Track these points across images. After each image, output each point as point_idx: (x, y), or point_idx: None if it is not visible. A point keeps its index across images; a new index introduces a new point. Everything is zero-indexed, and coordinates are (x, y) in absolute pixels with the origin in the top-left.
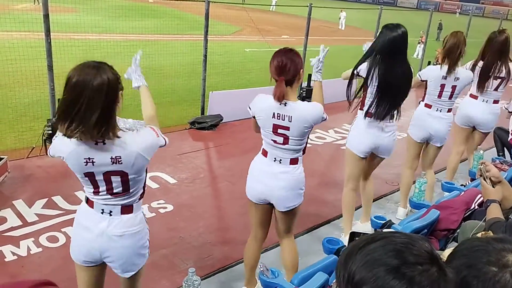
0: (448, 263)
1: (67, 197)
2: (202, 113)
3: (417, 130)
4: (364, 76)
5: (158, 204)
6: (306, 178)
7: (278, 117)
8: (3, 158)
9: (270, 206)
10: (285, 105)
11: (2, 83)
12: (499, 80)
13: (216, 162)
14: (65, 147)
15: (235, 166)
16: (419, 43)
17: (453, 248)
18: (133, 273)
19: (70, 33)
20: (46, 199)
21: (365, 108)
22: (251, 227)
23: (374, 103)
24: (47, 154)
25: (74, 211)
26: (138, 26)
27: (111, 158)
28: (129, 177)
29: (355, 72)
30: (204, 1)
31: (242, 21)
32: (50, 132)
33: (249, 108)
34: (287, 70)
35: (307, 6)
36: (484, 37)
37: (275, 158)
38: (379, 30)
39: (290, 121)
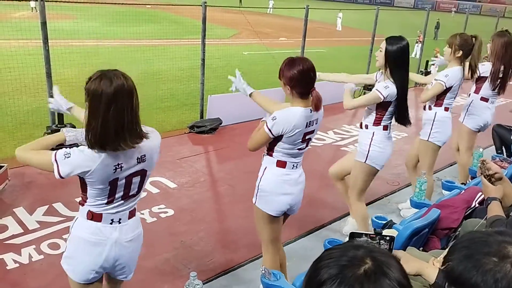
0: (449, 256)
1: (67, 204)
2: (201, 117)
3: (441, 135)
4: (392, 100)
5: (158, 208)
6: (306, 180)
7: (310, 125)
8: (3, 166)
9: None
10: (312, 112)
11: (1, 91)
12: (498, 81)
13: (216, 165)
14: (92, 161)
15: (235, 170)
16: (416, 42)
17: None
18: (132, 273)
19: (69, 40)
20: (47, 206)
21: (384, 122)
22: (271, 243)
23: (398, 114)
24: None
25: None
26: (136, 32)
27: (137, 158)
28: (147, 174)
29: (381, 100)
30: (201, 6)
31: (239, 24)
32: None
33: (271, 130)
34: (314, 78)
35: (304, 8)
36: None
37: (293, 165)
38: (376, 30)
39: (316, 123)
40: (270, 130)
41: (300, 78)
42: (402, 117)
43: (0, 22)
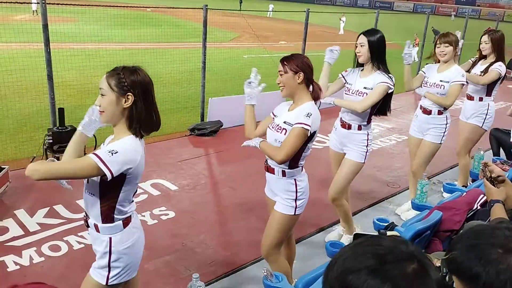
0: (453, 245)
1: (68, 206)
2: (202, 119)
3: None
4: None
5: (159, 211)
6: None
7: None
8: (4, 168)
9: None
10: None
11: (2, 93)
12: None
13: (217, 168)
14: (137, 150)
15: (236, 172)
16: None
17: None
18: None
19: (69, 43)
20: (48, 208)
21: (372, 117)
22: (282, 242)
23: (382, 105)
24: (111, 174)
25: (76, 220)
26: (136, 35)
27: (143, 148)
28: None
29: (391, 90)
30: (202, 9)
31: (240, 28)
32: (51, 141)
33: (310, 127)
34: None
35: (304, 11)
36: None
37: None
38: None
39: None
40: (310, 127)
41: (310, 64)
42: (385, 108)
43: (0, 25)
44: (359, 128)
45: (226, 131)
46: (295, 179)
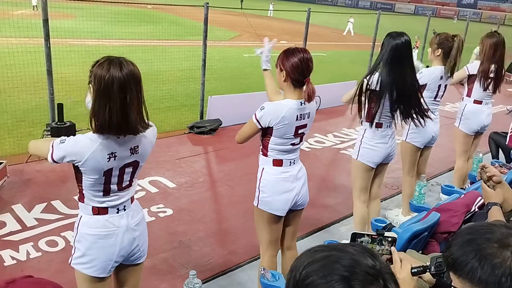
0: (452, 241)
1: (66, 202)
2: (201, 117)
3: (420, 136)
4: (378, 89)
5: (157, 208)
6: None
7: (301, 118)
8: (2, 163)
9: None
10: (303, 104)
11: (0, 88)
12: (489, 80)
13: (216, 166)
14: (86, 148)
15: (235, 170)
16: (413, 48)
17: None
18: (146, 255)
19: (69, 39)
20: (45, 203)
21: (376, 119)
22: (270, 244)
23: (387, 112)
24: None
25: (74, 216)
26: (136, 32)
27: (130, 149)
28: (139, 165)
29: (365, 86)
30: (203, 6)
31: (240, 27)
32: (49, 136)
33: (258, 120)
34: (311, 69)
35: (306, 11)
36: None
37: (290, 162)
38: (377, 35)
39: (308, 117)
40: (258, 121)
41: (299, 65)
42: (407, 113)
43: (0, 20)
44: (361, 123)
45: (225, 129)
46: (263, 168)
